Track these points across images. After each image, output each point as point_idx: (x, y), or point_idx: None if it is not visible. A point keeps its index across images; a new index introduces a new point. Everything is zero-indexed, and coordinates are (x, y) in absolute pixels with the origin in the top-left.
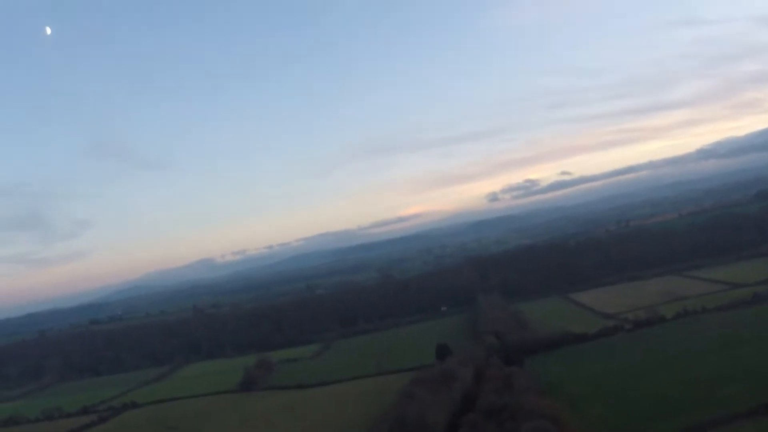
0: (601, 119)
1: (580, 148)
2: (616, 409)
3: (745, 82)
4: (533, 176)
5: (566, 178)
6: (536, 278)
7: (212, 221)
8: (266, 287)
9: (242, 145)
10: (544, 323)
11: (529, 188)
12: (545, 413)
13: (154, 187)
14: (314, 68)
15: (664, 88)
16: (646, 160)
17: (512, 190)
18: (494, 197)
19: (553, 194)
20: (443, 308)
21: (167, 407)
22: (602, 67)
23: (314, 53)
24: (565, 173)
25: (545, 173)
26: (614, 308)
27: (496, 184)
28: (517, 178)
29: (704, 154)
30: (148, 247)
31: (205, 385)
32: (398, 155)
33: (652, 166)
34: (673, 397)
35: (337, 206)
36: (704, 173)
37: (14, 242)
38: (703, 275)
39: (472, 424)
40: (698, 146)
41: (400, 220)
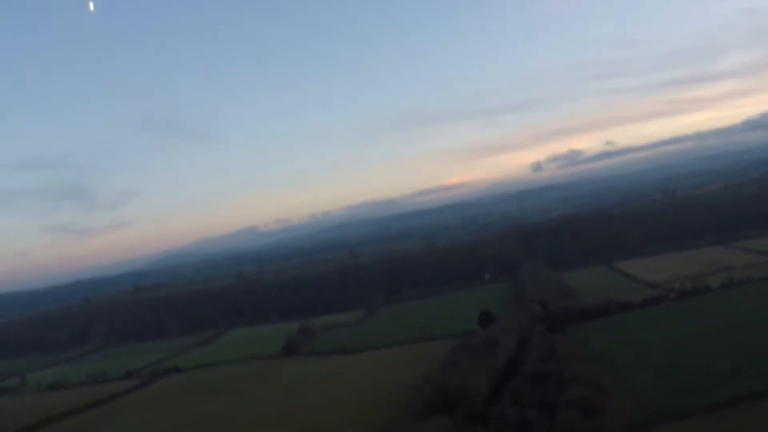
0: (645, 90)
1: (624, 118)
2: (661, 378)
3: None
4: (577, 146)
5: (611, 148)
6: (580, 247)
7: (256, 190)
8: (309, 254)
9: (287, 115)
10: (588, 292)
11: (573, 158)
12: (589, 381)
13: (198, 157)
14: (361, 38)
15: (709, 59)
16: (692, 131)
17: (556, 159)
18: (538, 167)
19: (597, 164)
20: (486, 276)
21: (209, 371)
22: (646, 38)
23: (362, 23)
24: (609, 143)
25: (589, 143)
26: (659, 277)
27: (539, 153)
28: (561, 148)
29: (751, 125)
30: (192, 216)
31: (247, 350)
32: (442, 125)
33: (698, 137)
34: (720, 368)
35: (380, 175)
36: (751, 144)
37: (61, 212)
38: (750, 246)
39: (515, 390)
40: (744, 117)
41: (443, 189)
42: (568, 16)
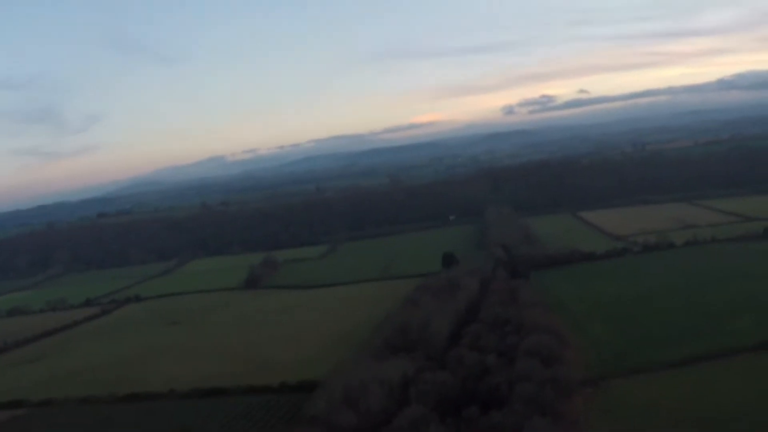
0: (623, 40)
1: (599, 67)
2: (620, 330)
3: None
4: (550, 92)
5: (584, 96)
6: (547, 194)
7: (224, 119)
8: (276, 187)
9: (260, 44)
10: (552, 239)
11: (545, 104)
12: (549, 329)
13: (167, 82)
14: None
15: (689, 13)
16: (665, 85)
17: (528, 104)
18: (510, 110)
19: (569, 111)
20: (451, 218)
21: (170, 301)
22: None
23: None
24: (582, 92)
25: (562, 90)
26: (624, 230)
27: (512, 97)
28: (533, 93)
29: (725, 84)
30: (159, 143)
31: (209, 281)
32: (414, 61)
33: (671, 92)
34: (679, 324)
35: (350, 110)
36: (724, 104)
37: (27, 135)
38: (716, 205)
39: (475, 334)
40: (720, 76)
41: (412, 126)
42: None
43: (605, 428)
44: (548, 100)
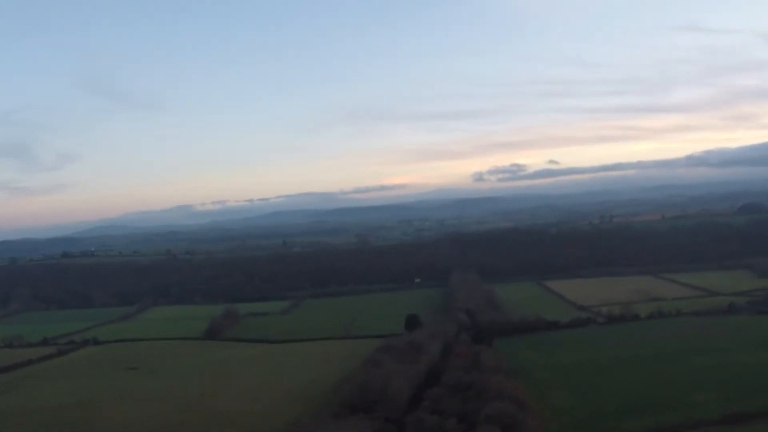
0: (594, 113)
1: (570, 139)
2: (582, 400)
3: (742, 95)
4: (521, 161)
5: (554, 167)
6: (514, 261)
7: (195, 169)
8: (242, 239)
9: (234, 96)
10: (517, 306)
11: (515, 172)
12: (511, 395)
13: (141, 128)
14: (316, 27)
15: (661, 90)
16: (635, 159)
17: (498, 172)
18: (480, 177)
19: (539, 181)
20: (417, 280)
21: (128, 347)
22: (601, 62)
23: (318, 12)
24: (553, 162)
25: (533, 160)
26: (589, 300)
27: (482, 164)
28: (504, 161)
29: (694, 161)
30: (129, 187)
31: (170, 329)
32: (389, 124)
33: (640, 166)
34: (642, 395)
35: (321, 168)
36: (692, 180)
37: None
38: (681, 279)
39: (435, 398)
40: (688, 152)
41: (383, 188)
42: (527, 30)
43: None
44: (518, 168)
